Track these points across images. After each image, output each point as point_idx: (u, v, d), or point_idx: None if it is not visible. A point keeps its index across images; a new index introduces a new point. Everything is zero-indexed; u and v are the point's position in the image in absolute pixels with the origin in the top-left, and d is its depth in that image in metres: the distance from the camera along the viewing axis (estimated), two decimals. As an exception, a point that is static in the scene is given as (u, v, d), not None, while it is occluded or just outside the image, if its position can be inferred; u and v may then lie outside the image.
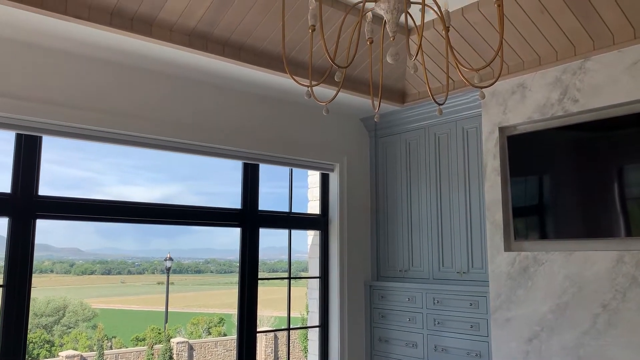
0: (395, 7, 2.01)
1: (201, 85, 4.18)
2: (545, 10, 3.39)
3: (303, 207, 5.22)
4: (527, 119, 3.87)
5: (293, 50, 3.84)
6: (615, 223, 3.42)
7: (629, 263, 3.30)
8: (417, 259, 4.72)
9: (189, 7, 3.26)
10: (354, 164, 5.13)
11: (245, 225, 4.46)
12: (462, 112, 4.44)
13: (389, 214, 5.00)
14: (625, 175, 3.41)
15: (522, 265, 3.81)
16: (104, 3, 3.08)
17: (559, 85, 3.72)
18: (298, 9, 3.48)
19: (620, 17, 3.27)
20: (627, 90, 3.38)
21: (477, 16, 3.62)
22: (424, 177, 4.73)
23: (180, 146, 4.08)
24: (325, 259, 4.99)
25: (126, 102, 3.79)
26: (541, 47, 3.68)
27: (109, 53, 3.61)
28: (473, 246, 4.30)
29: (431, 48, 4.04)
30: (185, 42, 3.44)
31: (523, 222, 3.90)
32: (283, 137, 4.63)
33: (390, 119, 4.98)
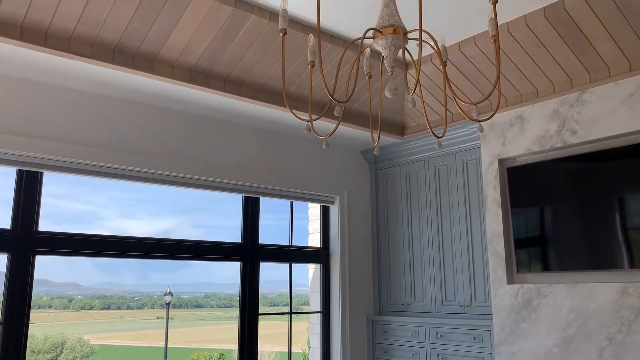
0: (393, 43, 2.04)
1: (202, 120, 4.21)
2: (542, 44, 3.44)
3: (304, 239, 5.19)
4: (527, 150, 3.89)
5: (293, 85, 3.88)
6: (618, 254, 3.40)
7: (634, 295, 3.26)
8: (419, 292, 4.67)
9: (190, 44, 3.32)
10: (355, 196, 5.13)
11: (245, 259, 4.43)
12: (461, 144, 4.46)
13: (390, 247, 4.98)
14: (626, 206, 3.40)
15: (525, 298, 3.76)
16: (106, 41, 3.13)
17: (557, 117, 3.75)
18: (297, 45, 3.53)
19: (615, 50, 3.32)
20: (625, 122, 3.41)
21: (474, 50, 3.67)
22: (425, 209, 4.72)
23: (182, 180, 4.09)
24: (326, 293, 4.93)
25: (128, 138, 3.81)
26: (538, 80, 3.73)
27: (111, 89, 3.65)
28: (476, 279, 4.26)
29: (429, 82, 4.08)
30: (187, 78, 3.49)
31: (525, 253, 3.87)
32: (283, 170, 4.64)
33: (390, 151, 5.00)
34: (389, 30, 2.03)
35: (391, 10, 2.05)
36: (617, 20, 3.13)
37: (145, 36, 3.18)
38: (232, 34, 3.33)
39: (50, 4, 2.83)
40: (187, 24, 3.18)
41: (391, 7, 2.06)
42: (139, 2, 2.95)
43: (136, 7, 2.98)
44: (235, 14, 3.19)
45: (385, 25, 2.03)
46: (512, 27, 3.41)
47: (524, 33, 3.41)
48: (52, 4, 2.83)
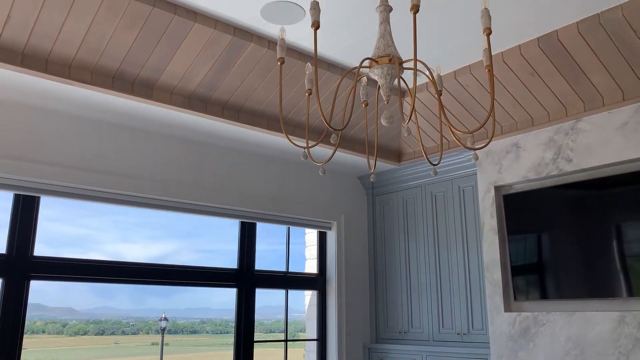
0: (389, 72, 2.07)
1: (200, 146, 4.23)
2: (536, 74, 3.49)
3: (300, 264, 5.17)
4: (523, 178, 3.91)
5: (290, 112, 3.91)
6: (616, 282, 3.39)
7: (631, 324, 3.24)
8: (416, 320, 4.64)
9: (189, 71, 3.36)
10: (352, 222, 5.13)
11: (241, 285, 4.41)
12: (457, 171, 4.48)
13: (387, 274, 4.96)
14: (623, 233, 3.41)
15: (522, 326, 3.74)
16: (106, 68, 3.16)
17: (552, 145, 3.78)
18: (295, 73, 3.58)
19: (608, 80, 3.36)
20: (619, 150, 3.44)
21: (469, 79, 3.72)
22: (422, 235, 4.71)
23: (179, 206, 4.09)
24: (323, 320, 4.90)
25: (125, 163, 3.83)
26: (533, 108, 3.77)
27: (110, 115, 3.68)
28: (473, 306, 4.23)
29: (425, 109, 4.12)
30: (185, 104, 3.52)
31: (523, 281, 3.86)
32: (280, 195, 4.65)
33: (387, 177, 5.02)
34: (384, 60, 2.06)
35: (387, 40, 2.09)
36: (609, 51, 3.18)
37: (145, 63, 3.22)
38: (231, 61, 3.37)
39: (51, 31, 2.87)
40: (186, 52, 3.22)
41: (387, 38, 2.10)
42: (139, 30, 3.00)
43: (136, 35, 3.03)
44: (234, 42, 3.23)
45: (382, 55, 2.06)
46: (506, 56, 3.46)
47: (519, 62, 3.46)
48: (54, 31, 2.88)
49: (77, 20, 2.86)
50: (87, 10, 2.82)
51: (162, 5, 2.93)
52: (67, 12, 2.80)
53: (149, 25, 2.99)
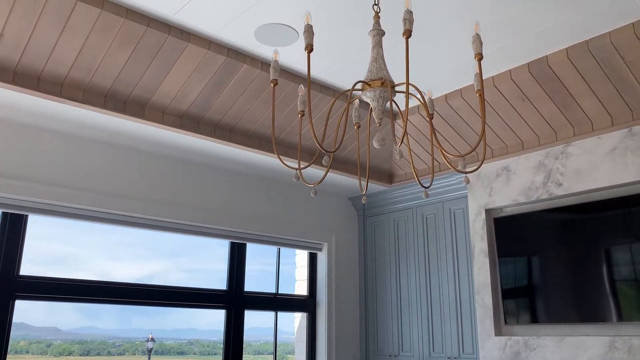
0: (381, 95, 2.08)
1: (191, 165, 4.22)
2: (526, 98, 3.53)
3: (290, 285, 5.13)
4: (513, 201, 3.92)
5: (283, 133, 3.92)
6: (606, 307, 3.39)
7: (621, 349, 3.24)
8: (407, 343, 4.60)
9: (182, 91, 3.36)
10: (343, 244, 5.11)
11: (230, 307, 4.36)
12: (448, 194, 4.50)
13: (378, 296, 4.93)
14: (613, 257, 3.42)
15: (513, 351, 3.72)
16: (98, 87, 3.16)
17: (542, 169, 3.81)
18: (288, 94, 3.59)
19: (597, 105, 3.41)
20: (608, 175, 3.47)
21: (460, 102, 3.75)
22: (413, 257, 4.70)
23: (169, 225, 4.06)
24: (312, 343, 4.84)
25: (116, 182, 3.81)
26: (524, 132, 3.80)
27: (102, 133, 3.66)
28: (464, 330, 4.21)
29: (417, 131, 4.15)
30: (177, 124, 3.51)
31: (513, 304, 3.85)
32: (271, 216, 4.63)
33: (378, 198, 5.02)
34: (377, 83, 2.07)
35: (379, 64, 2.11)
36: (598, 77, 3.23)
37: (138, 82, 3.22)
38: (224, 82, 3.38)
39: (44, 49, 2.87)
40: (179, 72, 3.23)
41: (379, 62, 2.11)
42: (132, 50, 3.01)
43: (129, 54, 3.03)
44: (227, 63, 3.25)
45: (374, 79, 2.07)
46: (497, 81, 3.50)
47: (509, 87, 3.50)
48: (47, 50, 2.87)
49: (70, 39, 2.86)
50: (81, 30, 2.82)
51: (156, 26, 2.94)
52: (60, 31, 2.80)
53: (143, 45, 3.00)
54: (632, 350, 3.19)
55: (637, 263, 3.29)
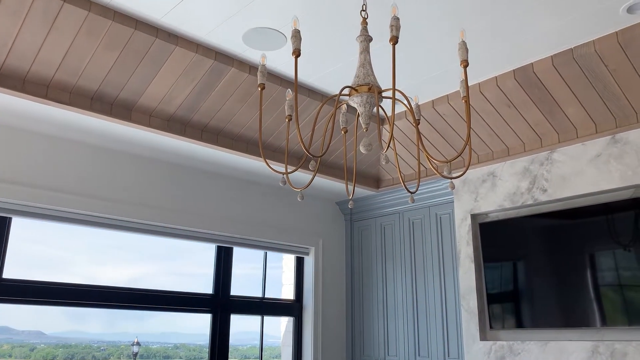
0: (368, 101, 2.10)
1: (177, 168, 4.21)
2: (512, 105, 3.57)
3: (277, 289, 5.12)
4: (498, 206, 3.95)
5: (270, 137, 3.92)
6: (590, 312, 3.42)
7: (604, 354, 3.27)
8: (392, 347, 4.61)
9: (169, 94, 3.35)
10: (330, 248, 5.11)
11: (216, 311, 4.34)
12: (435, 199, 4.52)
13: (364, 300, 4.94)
14: (596, 262, 3.46)
15: (498, 355, 3.74)
16: (85, 89, 3.14)
17: (527, 175, 3.84)
18: (276, 98, 3.60)
19: (581, 112, 3.45)
20: (592, 182, 3.51)
21: (447, 108, 3.78)
22: (399, 262, 4.72)
23: (155, 229, 4.04)
24: (298, 347, 4.84)
25: (101, 185, 3.78)
26: (509, 138, 3.84)
27: (87, 136, 3.64)
28: (449, 334, 4.23)
29: (404, 137, 4.17)
30: (164, 127, 3.50)
31: (499, 309, 3.88)
32: (258, 220, 4.63)
33: (365, 203, 5.04)
34: (364, 88, 2.08)
35: (367, 70, 2.12)
36: (582, 84, 3.27)
37: (124, 85, 3.20)
38: (211, 85, 3.38)
39: (30, 51, 2.85)
40: (166, 75, 3.22)
41: (367, 67, 2.13)
42: (119, 52, 2.99)
43: (116, 57, 3.02)
44: (215, 67, 3.24)
45: (361, 84, 2.09)
46: (483, 87, 3.53)
47: (495, 93, 3.53)
48: (32, 51, 2.85)
49: (57, 41, 2.84)
50: (67, 31, 2.81)
51: (144, 28, 2.93)
52: (46, 32, 2.78)
53: (130, 47, 2.99)
54: (615, 355, 3.22)
55: (621, 269, 3.33)
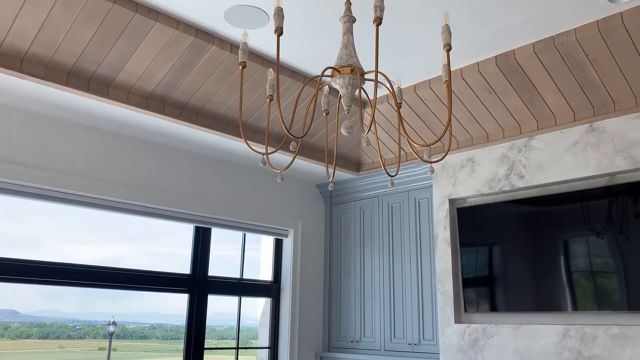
0: (350, 82, 2.08)
1: (156, 147, 4.15)
2: (492, 91, 3.58)
3: (255, 270, 5.12)
4: (476, 192, 3.99)
5: (250, 117, 3.89)
6: (562, 296, 3.49)
7: (575, 337, 3.35)
8: (368, 329, 4.66)
9: (148, 71, 3.29)
10: (309, 230, 5.12)
11: (193, 291, 4.33)
12: (414, 183, 4.54)
13: (342, 282, 4.97)
14: (570, 249, 3.52)
15: (472, 338, 3.81)
16: (61, 63, 3.07)
17: (505, 161, 3.88)
18: (257, 78, 3.56)
19: (561, 100, 3.48)
20: (569, 169, 3.56)
21: (429, 93, 3.78)
22: (377, 245, 4.75)
23: (132, 208, 3.99)
24: (275, 328, 4.86)
25: (76, 161, 3.71)
26: (489, 124, 3.86)
27: (62, 111, 3.56)
28: (424, 317, 4.28)
29: (385, 121, 4.17)
30: (142, 104, 3.44)
31: (473, 293, 3.94)
32: (237, 201, 4.60)
33: (345, 186, 5.04)
34: (346, 70, 2.07)
35: (350, 51, 2.10)
36: (562, 72, 3.30)
37: (102, 61, 3.13)
38: (192, 63, 3.32)
39: (4, 22, 2.76)
40: (146, 51, 3.16)
41: (350, 48, 2.11)
42: (97, 27, 2.92)
43: (94, 32, 2.95)
44: (195, 44, 3.19)
45: (344, 65, 2.07)
46: (465, 73, 3.54)
47: (476, 79, 3.54)
48: (7, 23, 2.77)
49: (32, 13, 2.76)
50: (43, 3, 2.73)
51: (123, 3, 2.86)
52: (21, 3, 2.70)
53: (108, 22, 2.92)
54: (585, 338, 3.30)
55: (593, 255, 3.40)
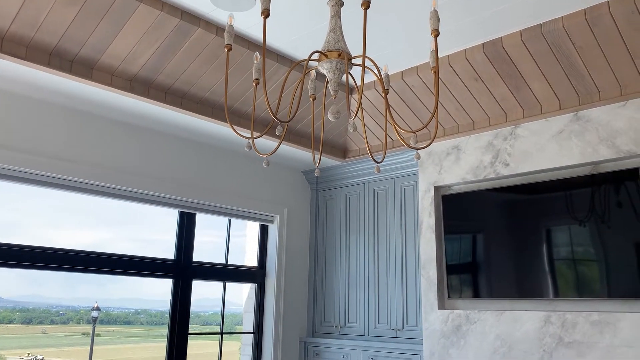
0: (337, 67, 2.07)
1: (140, 131, 4.10)
2: (479, 78, 3.58)
3: (240, 257, 5.11)
4: (461, 179, 4.01)
5: (236, 102, 3.85)
6: (544, 284, 3.54)
7: (556, 324, 3.39)
8: (353, 314, 4.68)
9: (132, 53, 3.23)
10: (294, 217, 5.12)
11: (177, 276, 4.31)
12: (400, 170, 4.55)
13: (327, 268, 4.98)
14: (552, 237, 3.56)
15: (455, 324, 3.84)
16: (43, 44, 3.00)
17: (491, 149, 3.89)
18: (243, 62, 3.52)
19: (547, 89, 3.49)
20: (553, 157, 3.58)
21: (416, 80, 3.77)
22: (363, 232, 4.76)
23: (116, 192, 3.95)
24: (260, 314, 4.86)
25: (59, 144, 3.66)
26: (475, 112, 3.87)
27: (44, 93, 3.49)
28: (408, 303, 4.32)
29: (372, 107, 4.16)
30: (126, 87, 3.39)
31: (457, 279, 3.97)
32: (223, 186, 4.58)
33: (331, 173, 5.04)
34: (334, 54, 2.05)
35: (337, 35, 2.08)
36: (549, 61, 3.30)
37: (85, 42, 3.07)
38: (177, 45, 3.28)
39: (-17, 0, 2.69)
40: (130, 33, 3.10)
41: (337, 32, 2.09)
42: (80, 6, 2.86)
43: (77, 12, 2.88)
44: (181, 26, 3.14)
45: (331, 50, 2.05)
46: (452, 60, 3.53)
47: (464, 66, 3.54)
48: (-14, 1, 2.70)
49: (13, -9, 2.69)
50: (24, -19, 2.66)
51: (106, -18, 2.80)
52: (1, -19, 2.63)
53: (91, 2, 2.85)
54: (565, 324, 3.35)
55: (575, 244, 3.44)
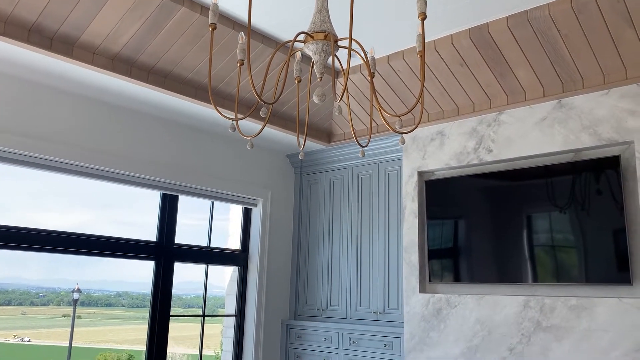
0: (323, 49, 2.05)
1: (122, 111, 4.04)
2: (465, 64, 3.58)
3: (223, 240, 5.10)
4: (445, 165, 4.02)
5: (221, 83, 3.81)
6: (523, 269, 3.58)
7: (534, 308, 3.45)
8: (335, 298, 4.71)
9: (115, 31, 3.17)
10: (278, 200, 5.10)
11: (159, 258, 4.29)
12: (384, 155, 4.55)
13: (310, 252, 4.99)
14: (533, 223, 3.60)
15: (435, 307, 3.88)
16: (22, 19, 2.93)
17: (475, 135, 3.91)
18: (228, 42, 3.47)
19: (531, 75, 3.51)
20: (536, 144, 3.61)
21: (402, 64, 3.76)
22: (346, 216, 4.77)
23: (97, 173, 3.89)
24: (242, 297, 4.87)
25: (39, 123, 3.59)
26: (460, 98, 3.87)
27: (23, 70, 3.41)
28: (390, 286, 4.35)
29: (357, 91, 4.14)
30: (108, 66, 3.33)
31: (438, 264, 4.00)
32: (206, 169, 4.54)
33: (316, 157, 5.03)
34: (320, 35, 2.03)
35: (324, 16, 2.06)
36: (534, 48, 3.31)
37: (66, 18, 3.00)
38: (160, 24, 3.22)
39: (-41, -28, 2.61)
40: (112, 10, 3.04)
41: (324, 14, 2.06)
42: (60, -18, 2.79)
43: (57, -13, 2.81)
44: (164, 4, 3.08)
45: (317, 31, 2.03)
46: (438, 45, 3.52)
47: (450, 52, 3.53)
48: (-38, -27, 2.62)
49: (-10, -36, 2.61)
50: (2, -46, 2.58)
51: (88, -43, 2.74)
52: (-22, -47, 2.55)
53: (72, -23, 2.79)
54: (544, 309, 3.40)
55: (555, 231, 3.48)
